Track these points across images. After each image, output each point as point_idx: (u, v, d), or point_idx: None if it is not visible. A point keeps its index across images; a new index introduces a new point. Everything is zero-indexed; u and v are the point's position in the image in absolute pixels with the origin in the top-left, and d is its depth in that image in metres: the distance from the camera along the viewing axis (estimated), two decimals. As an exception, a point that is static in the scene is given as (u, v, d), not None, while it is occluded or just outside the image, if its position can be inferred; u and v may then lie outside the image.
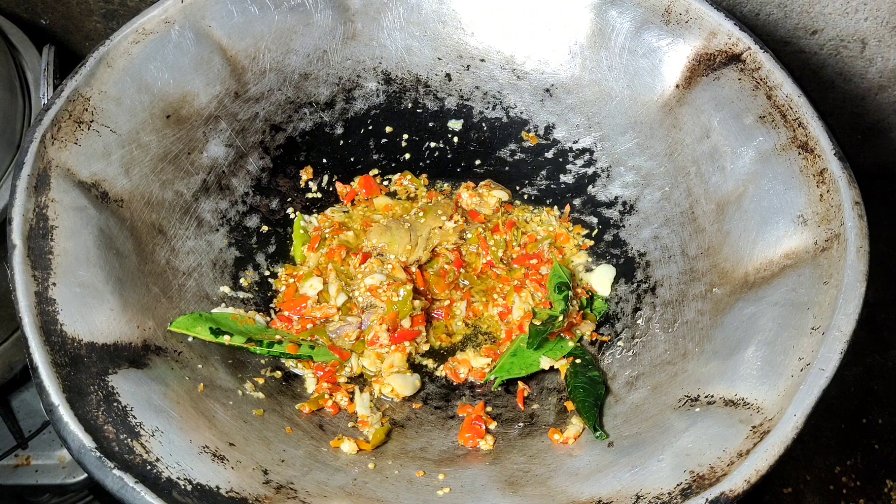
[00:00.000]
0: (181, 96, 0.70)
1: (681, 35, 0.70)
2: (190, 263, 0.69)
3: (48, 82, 0.81)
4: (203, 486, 0.50)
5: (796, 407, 0.50)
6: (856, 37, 0.91)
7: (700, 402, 0.57)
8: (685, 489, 0.49)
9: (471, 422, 0.66)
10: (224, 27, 0.72)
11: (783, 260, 0.60)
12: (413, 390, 0.70)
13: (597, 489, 0.53)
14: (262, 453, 0.56)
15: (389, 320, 0.70)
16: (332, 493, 0.54)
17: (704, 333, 0.63)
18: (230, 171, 0.75)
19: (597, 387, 0.66)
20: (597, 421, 0.62)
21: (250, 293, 0.74)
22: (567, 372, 0.69)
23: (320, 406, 0.67)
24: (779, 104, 0.64)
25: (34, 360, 0.52)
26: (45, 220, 0.58)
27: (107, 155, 0.64)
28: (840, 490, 0.90)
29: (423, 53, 0.80)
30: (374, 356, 0.71)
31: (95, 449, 0.49)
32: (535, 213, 0.83)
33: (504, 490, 0.56)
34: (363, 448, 0.62)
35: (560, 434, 0.63)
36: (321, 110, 0.80)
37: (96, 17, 1.00)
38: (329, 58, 0.78)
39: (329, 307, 0.73)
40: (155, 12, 0.69)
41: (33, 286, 0.55)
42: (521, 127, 0.81)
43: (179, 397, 0.56)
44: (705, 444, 0.52)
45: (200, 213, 0.72)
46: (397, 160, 0.85)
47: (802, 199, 0.60)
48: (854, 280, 0.54)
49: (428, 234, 0.77)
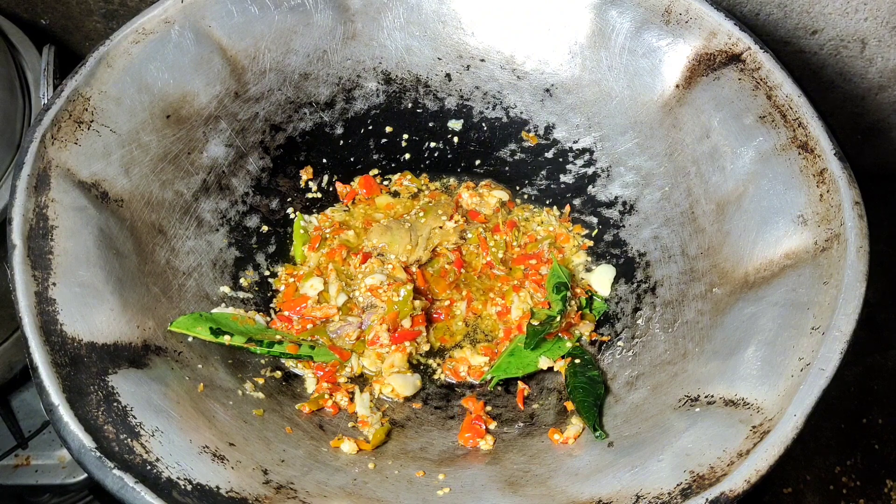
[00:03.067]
0: (181, 96, 0.70)
1: (681, 35, 0.70)
2: (190, 263, 0.69)
3: (48, 82, 0.81)
4: (203, 486, 0.50)
5: (796, 407, 0.50)
6: (856, 37, 0.91)
7: (700, 402, 0.57)
8: (685, 489, 0.49)
9: (471, 422, 0.66)
10: (224, 27, 0.72)
11: (783, 260, 0.60)
12: (413, 390, 0.70)
13: (597, 489, 0.53)
14: (262, 453, 0.56)
15: (390, 320, 0.70)
16: (332, 493, 0.54)
17: (704, 333, 0.63)
18: (230, 171, 0.75)
19: (596, 386, 0.66)
20: (596, 421, 0.62)
21: (250, 293, 0.74)
22: (566, 372, 0.69)
23: (320, 406, 0.67)
24: (779, 104, 0.64)
25: (34, 360, 0.52)
26: (45, 220, 0.58)
27: (107, 155, 0.64)
28: (840, 490, 0.90)
29: (423, 53, 0.80)
30: (375, 356, 0.71)
31: (95, 449, 0.49)
32: (534, 213, 0.83)
33: (504, 490, 0.56)
34: (363, 448, 0.62)
35: (560, 434, 0.63)
36: (321, 110, 0.80)
37: (96, 17, 1.00)
38: (329, 58, 0.78)
39: (329, 307, 0.73)
40: (155, 12, 0.69)
41: (33, 286, 0.55)
42: (521, 127, 0.81)
43: (179, 397, 0.56)
44: (705, 444, 0.52)
45: (200, 213, 0.72)
46: (397, 160, 0.85)
47: (802, 199, 0.61)
48: (854, 280, 0.54)
49: (428, 233, 0.77)
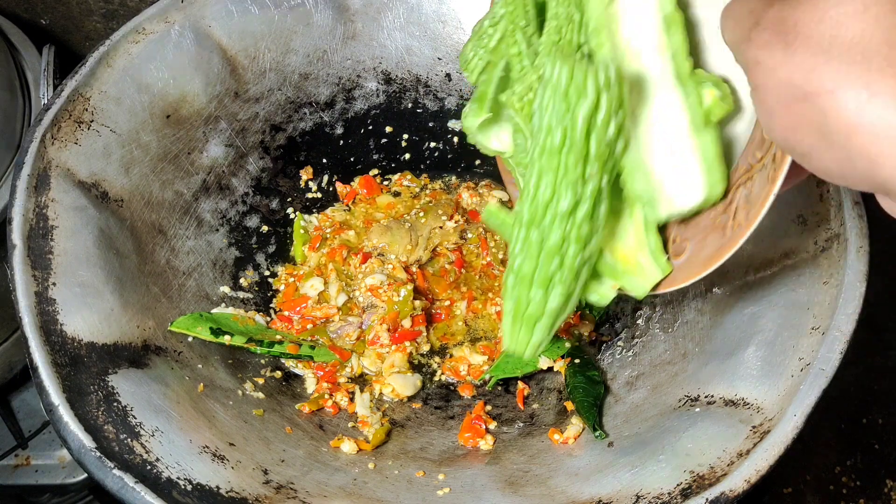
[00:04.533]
0: (181, 96, 0.70)
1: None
2: (190, 263, 0.69)
3: (48, 82, 0.81)
4: (203, 486, 0.50)
5: (796, 407, 0.50)
6: (856, 37, 0.91)
7: (700, 402, 0.57)
8: (685, 489, 0.49)
9: (471, 421, 0.66)
10: (224, 27, 0.72)
11: (783, 260, 0.60)
12: (414, 390, 0.70)
13: (597, 489, 0.53)
14: (262, 453, 0.56)
15: (390, 320, 0.70)
16: (332, 493, 0.54)
17: (704, 333, 0.63)
18: (230, 171, 0.75)
19: (596, 386, 0.66)
20: (596, 420, 0.62)
21: (250, 293, 0.74)
22: (566, 372, 0.69)
23: (320, 406, 0.67)
24: (779, 104, 0.64)
25: (34, 360, 0.52)
26: (45, 220, 0.58)
27: (107, 155, 0.64)
28: (840, 490, 0.91)
29: (423, 53, 0.80)
30: (375, 356, 0.71)
31: (95, 449, 0.49)
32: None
33: (504, 490, 0.56)
34: (363, 448, 0.62)
35: (560, 434, 0.63)
36: (321, 110, 0.80)
37: (96, 17, 1.00)
38: (329, 58, 0.78)
39: (329, 307, 0.73)
40: (155, 12, 0.69)
41: (33, 286, 0.55)
42: (521, 127, 0.81)
43: (179, 397, 0.56)
44: (705, 444, 0.52)
45: (200, 213, 0.72)
46: (397, 160, 0.85)
47: (802, 199, 0.61)
48: (854, 280, 0.54)
49: (428, 233, 0.77)
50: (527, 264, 0.47)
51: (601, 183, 0.44)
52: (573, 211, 0.44)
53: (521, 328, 0.50)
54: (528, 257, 0.47)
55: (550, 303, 0.48)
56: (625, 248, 0.49)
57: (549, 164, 0.44)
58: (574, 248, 0.46)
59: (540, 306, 0.49)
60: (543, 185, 0.44)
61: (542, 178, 0.44)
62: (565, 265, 0.47)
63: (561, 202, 0.44)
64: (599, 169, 0.44)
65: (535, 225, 0.46)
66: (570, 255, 0.46)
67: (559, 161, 0.43)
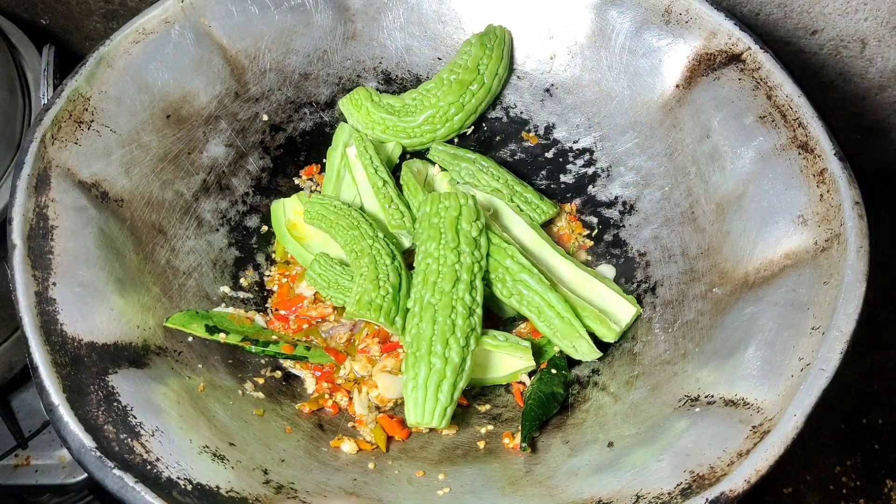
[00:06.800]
0: (181, 96, 0.70)
1: (681, 35, 0.70)
2: (190, 263, 0.69)
3: (48, 82, 0.81)
4: (203, 486, 0.50)
5: (796, 407, 0.50)
6: (856, 37, 0.91)
7: (700, 402, 0.57)
8: (685, 489, 0.49)
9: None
10: (224, 27, 0.72)
11: (783, 260, 0.60)
12: (400, 394, 0.68)
13: (597, 489, 0.53)
14: (262, 453, 0.56)
15: (382, 336, 0.70)
16: (332, 493, 0.54)
17: (704, 333, 0.63)
18: (230, 171, 0.75)
19: (552, 405, 0.65)
20: (530, 434, 0.62)
21: (250, 293, 0.74)
22: (537, 376, 0.68)
23: (320, 406, 0.67)
24: (779, 104, 0.64)
25: (34, 360, 0.52)
26: (45, 220, 0.58)
27: (107, 155, 0.64)
28: (840, 490, 0.91)
29: (423, 53, 0.80)
30: (366, 360, 0.70)
31: (95, 449, 0.49)
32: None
33: (504, 490, 0.56)
34: (363, 448, 0.62)
35: (511, 438, 0.63)
36: (321, 110, 0.80)
37: (96, 17, 1.00)
38: (329, 58, 0.78)
39: (325, 307, 0.73)
40: (155, 12, 0.69)
41: (33, 286, 0.55)
42: (522, 127, 0.81)
43: (179, 397, 0.56)
44: (705, 444, 0.52)
45: (200, 213, 0.72)
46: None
47: (802, 199, 0.60)
48: (854, 280, 0.54)
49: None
50: (425, 328, 0.61)
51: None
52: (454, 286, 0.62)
53: (425, 396, 0.59)
54: (424, 321, 0.61)
55: (451, 360, 0.60)
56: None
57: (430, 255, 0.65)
58: (462, 312, 0.62)
59: (441, 367, 0.60)
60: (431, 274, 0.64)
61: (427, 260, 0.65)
62: (457, 326, 0.61)
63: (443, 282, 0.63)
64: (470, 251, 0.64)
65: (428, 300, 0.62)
66: (459, 318, 0.61)
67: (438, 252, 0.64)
